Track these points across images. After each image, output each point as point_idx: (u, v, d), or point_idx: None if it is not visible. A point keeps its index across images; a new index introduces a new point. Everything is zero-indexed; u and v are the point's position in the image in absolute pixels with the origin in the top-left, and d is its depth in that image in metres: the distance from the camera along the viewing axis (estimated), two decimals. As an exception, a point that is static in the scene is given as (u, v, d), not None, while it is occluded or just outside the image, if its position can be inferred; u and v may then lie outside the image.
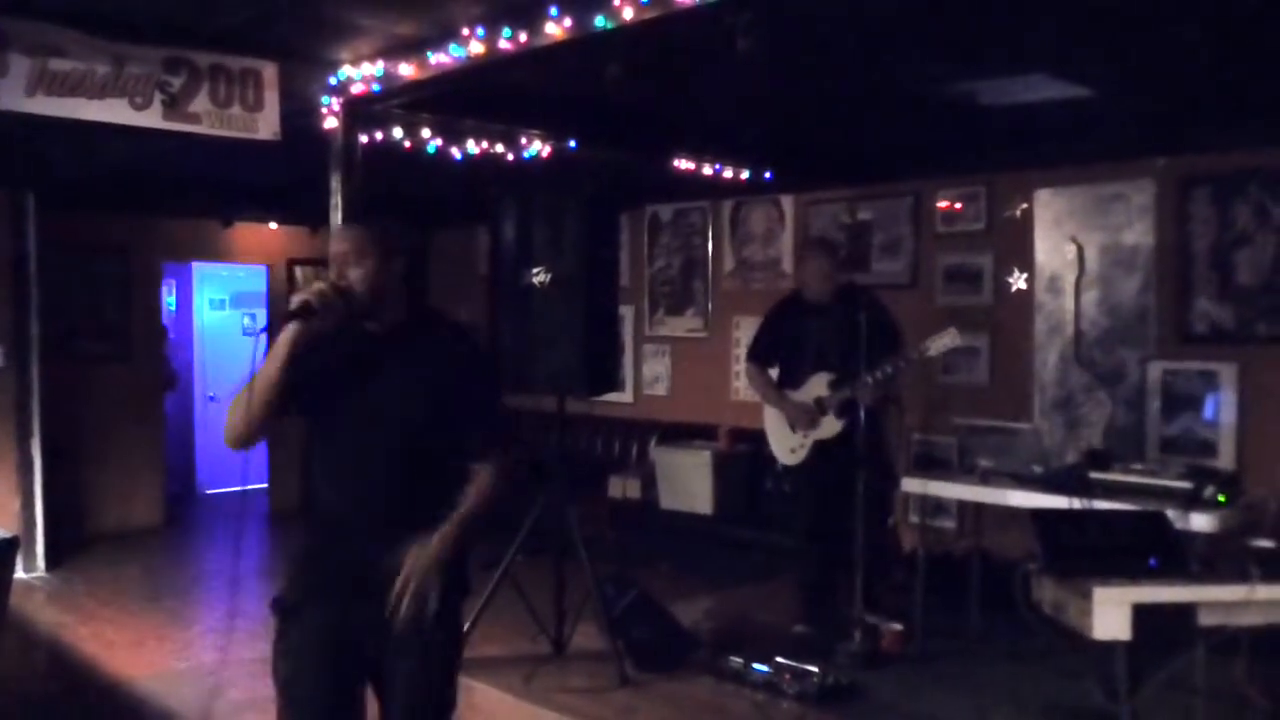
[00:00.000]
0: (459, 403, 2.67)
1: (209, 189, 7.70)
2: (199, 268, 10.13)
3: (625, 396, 8.19)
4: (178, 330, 10.12)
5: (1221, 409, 5.49)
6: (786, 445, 5.26)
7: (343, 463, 2.67)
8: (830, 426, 5.07)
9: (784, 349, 5.30)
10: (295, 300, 2.54)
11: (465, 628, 2.85)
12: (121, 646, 5.66)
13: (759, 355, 5.42)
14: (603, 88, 4.23)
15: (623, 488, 7.69)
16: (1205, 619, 3.05)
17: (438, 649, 2.69)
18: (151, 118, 4.37)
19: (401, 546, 2.57)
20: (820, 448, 5.12)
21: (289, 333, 2.53)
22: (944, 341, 4.75)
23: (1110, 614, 2.92)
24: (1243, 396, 5.44)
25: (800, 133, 6.02)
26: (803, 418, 5.15)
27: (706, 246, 7.95)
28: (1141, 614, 2.94)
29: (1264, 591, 2.99)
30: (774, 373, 5.37)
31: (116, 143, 4.89)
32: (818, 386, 5.12)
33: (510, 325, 4.77)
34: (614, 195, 5.02)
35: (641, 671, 4.52)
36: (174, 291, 10.17)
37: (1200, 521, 3.86)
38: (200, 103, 4.46)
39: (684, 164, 6.35)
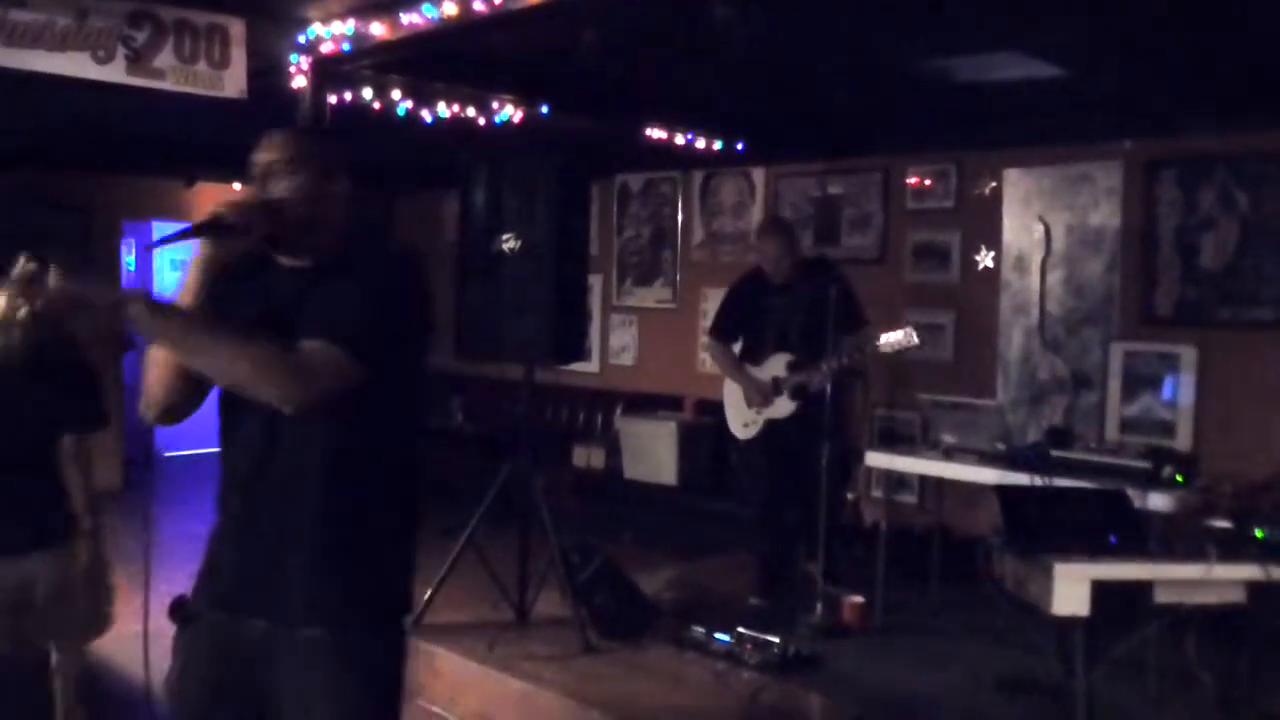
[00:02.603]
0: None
1: (172, 147, 7.56)
2: (160, 227, 9.96)
3: (591, 366, 8.18)
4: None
5: (1181, 391, 5.57)
6: (740, 420, 5.31)
7: (251, 447, 2.08)
8: (782, 407, 5.12)
9: (746, 326, 5.33)
10: (206, 213, 2.01)
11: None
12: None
13: (721, 331, 5.45)
14: (577, 53, 4.19)
15: (587, 457, 7.69)
16: (1162, 597, 3.10)
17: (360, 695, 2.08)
18: (114, 72, 4.27)
19: (320, 558, 2.05)
20: (772, 426, 5.17)
21: (196, 258, 2.02)
22: (897, 338, 4.74)
23: (1070, 590, 2.96)
24: (1202, 379, 5.52)
25: (773, 105, 6.00)
26: (757, 395, 5.18)
27: (676, 217, 7.93)
28: (1100, 590, 2.98)
29: (1220, 571, 3.04)
30: (737, 347, 5.39)
31: (77, 97, 4.78)
32: (776, 366, 5.15)
33: (477, 293, 4.74)
34: (586, 163, 4.99)
35: (604, 639, 4.54)
36: (134, 251, 10.00)
37: (1158, 501, 3.92)
38: (165, 58, 4.37)
39: (656, 133, 6.31)
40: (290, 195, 2.06)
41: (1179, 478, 4.03)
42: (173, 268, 10.33)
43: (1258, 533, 3.13)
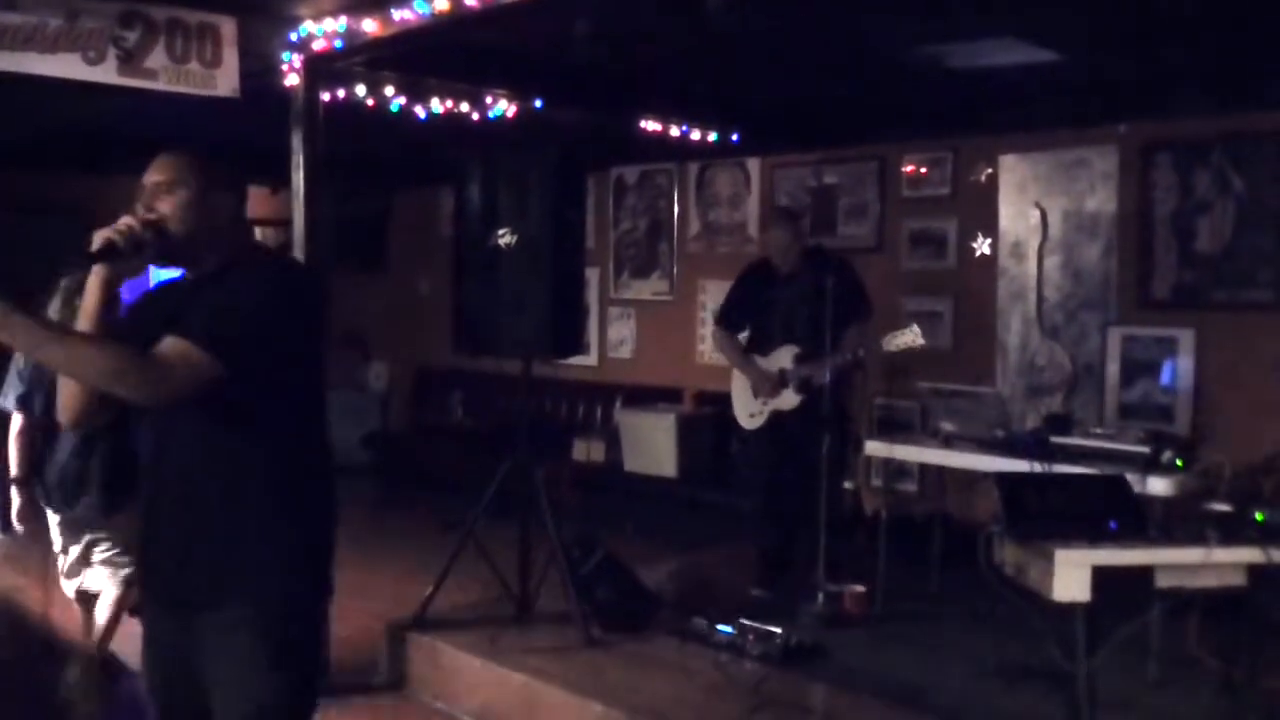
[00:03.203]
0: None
1: (165, 147, 7.56)
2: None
3: (590, 359, 8.19)
4: (133, 292, 9.93)
5: (1179, 375, 5.57)
6: (747, 410, 5.32)
7: (151, 440, 2.31)
8: (789, 399, 5.12)
9: (752, 315, 5.34)
10: (96, 239, 2.16)
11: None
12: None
13: (727, 321, 5.47)
14: (570, 46, 4.18)
15: (587, 451, 7.70)
16: (1162, 581, 3.10)
17: (271, 681, 2.24)
18: (106, 73, 4.26)
19: (192, 542, 2.22)
20: (777, 417, 5.17)
21: (93, 280, 2.20)
22: (904, 340, 4.78)
23: (1071, 576, 2.95)
24: (1200, 362, 5.52)
25: (768, 95, 6.00)
26: (765, 386, 5.19)
27: (672, 209, 7.92)
28: (1101, 576, 2.98)
29: (1220, 554, 3.03)
30: (744, 337, 5.40)
31: (70, 98, 4.78)
32: (783, 358, 5.15)
33: (474, 288, 4.73)
34: (580, 157, 4.98)
35: (607, 632, 4.54)
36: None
37: (1158, 485, 3.93)
38: (157, 58, 4.35)
39: (651, 125, 6.30)
40: (171, 213, 2.24)
41: (1178, 462, 4.03)
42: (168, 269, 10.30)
43: (1258, 516, 3.13)
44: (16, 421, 4.22)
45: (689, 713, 3.83)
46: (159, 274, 2.43)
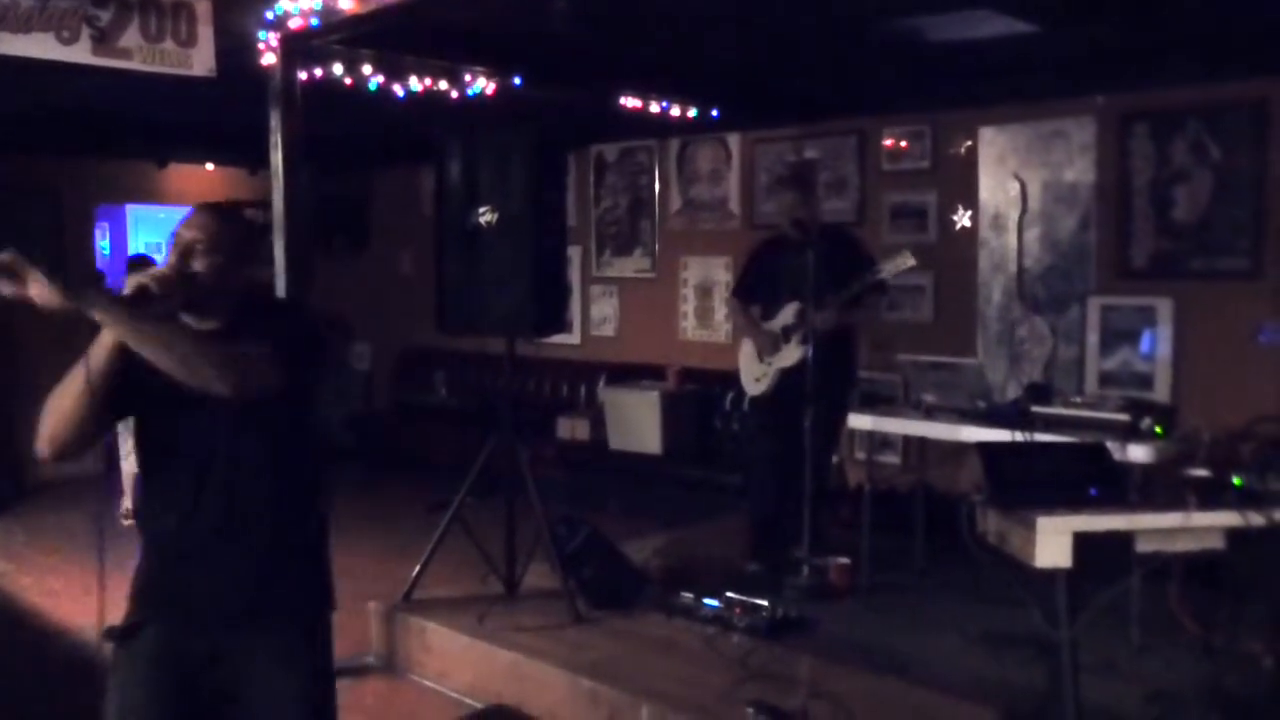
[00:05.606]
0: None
1: (143, 128, 7.48)
2: (133, 210, 9.87)
3: (573, 338, 8.19)
4: (112, 275, 9.87)
5: (1158, 343, 5.61)
6: (752, 375, 5.32)
7: (179, 478, 2.38)
8: (791, 354, 5.09)
9: (764, 285, 5.35)
10: (130, 285, 2.24)
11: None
12: (66, 595, 5.59)
13: (741, 292, 5.50)
14: (549, 23, 4.16)
15: (571, 429, 7.71)
16: (1142, 546, 3.12)
17: (309, 678, 2.44)
18: (80, 53, 4.21)
19: (253, 561, 2.36)
20: (784, 378, 5.13)
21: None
22: (897, 263, 4.85)
23: (1052, 543, 2.97)
24: (1179, 331, 5.57)
25: (746, 70, 5.98)
26: (767, 344, 5.20)
27: (653, 186, 7.91)
28: (1082, 542, 3.00)
29: (1198, 519, 3.06)
30: (757, 311, 5.40)
31: (45, 79, 4.72)
32: (786, 315, 5.16)
33: (456, 267, 4.72)
34: (561, 134, 4.96)
35: (594, 609, 4.57)
36: (108, 235, 9.91)
37: (1138, 453, 3.96)
38: (131, 37, 4.31)
39: (631, 102, 6.28)
40: (206, 271, 2.33)
41: (1158, 429, 4.06)
42: (147, 251, 10.22)
43: (1236, 481, 3.15)
44: None
45: (677, 686, 3.85)
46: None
